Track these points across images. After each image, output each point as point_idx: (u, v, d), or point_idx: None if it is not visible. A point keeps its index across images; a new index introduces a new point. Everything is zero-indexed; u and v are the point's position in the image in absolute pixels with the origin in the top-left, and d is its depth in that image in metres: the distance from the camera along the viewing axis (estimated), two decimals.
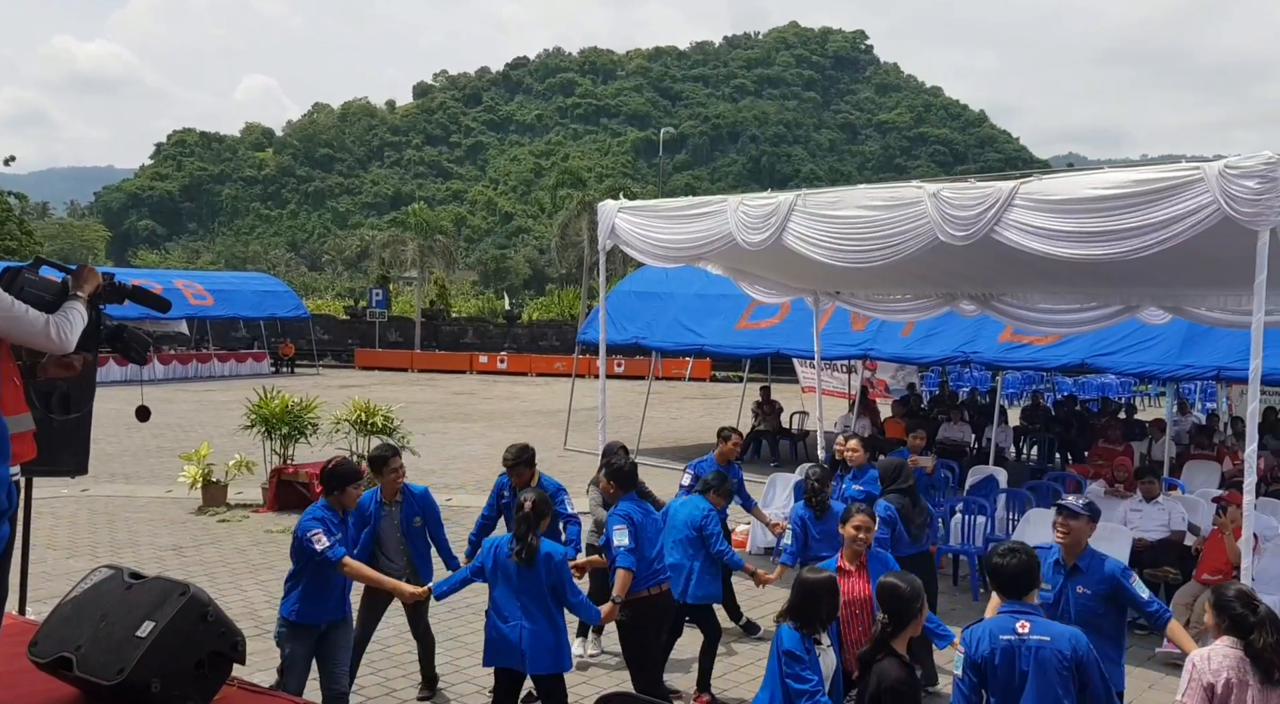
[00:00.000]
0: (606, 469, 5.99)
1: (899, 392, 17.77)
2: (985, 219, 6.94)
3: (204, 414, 20.93)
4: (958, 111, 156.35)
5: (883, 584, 4.05)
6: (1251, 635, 3.66)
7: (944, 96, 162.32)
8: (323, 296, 62.56)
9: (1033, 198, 6.76)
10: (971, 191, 7.13)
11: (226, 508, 11.55)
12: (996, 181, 7.08)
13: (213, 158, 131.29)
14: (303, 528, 5.11)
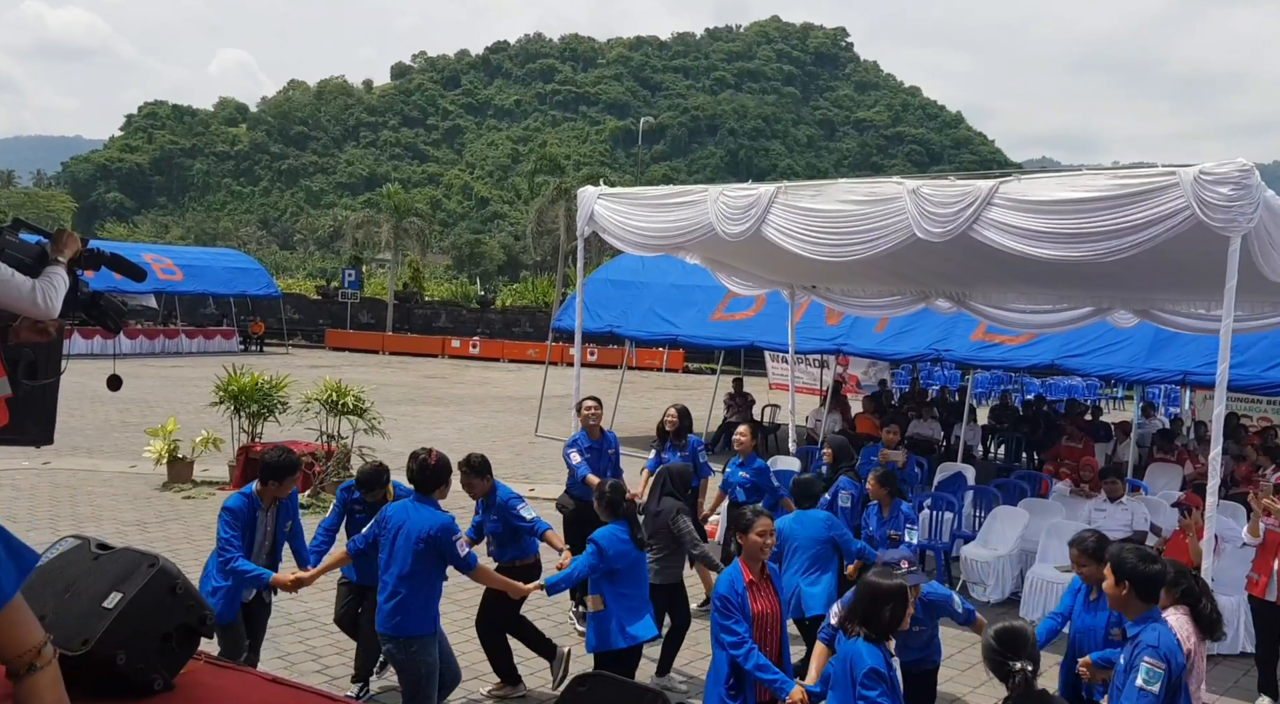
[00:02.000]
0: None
1: (870, 387, 17.90)
2: (964, 217, 7.00)
3: (171, 390, 20.66)
4: (935, 112, 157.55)
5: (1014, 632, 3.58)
6: (1200, 603, 4.30)
7: (922, 96, 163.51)
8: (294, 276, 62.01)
9: (1011, 198, 6.83)
10: (951, 189, 7.18)
11: (192, 484, 11.42)
12: (976, 180, 7.14)
13: (184, 131, 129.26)
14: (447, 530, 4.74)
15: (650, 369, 32.76)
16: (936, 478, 10.61)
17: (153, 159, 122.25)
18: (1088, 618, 4.74)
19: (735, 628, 4.21)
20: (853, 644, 3.78)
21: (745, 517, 4.52)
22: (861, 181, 8.07)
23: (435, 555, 4.71)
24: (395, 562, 4.71)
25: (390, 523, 4.79)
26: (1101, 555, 4.72)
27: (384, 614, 4.71)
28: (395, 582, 4.68)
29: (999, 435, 15.96)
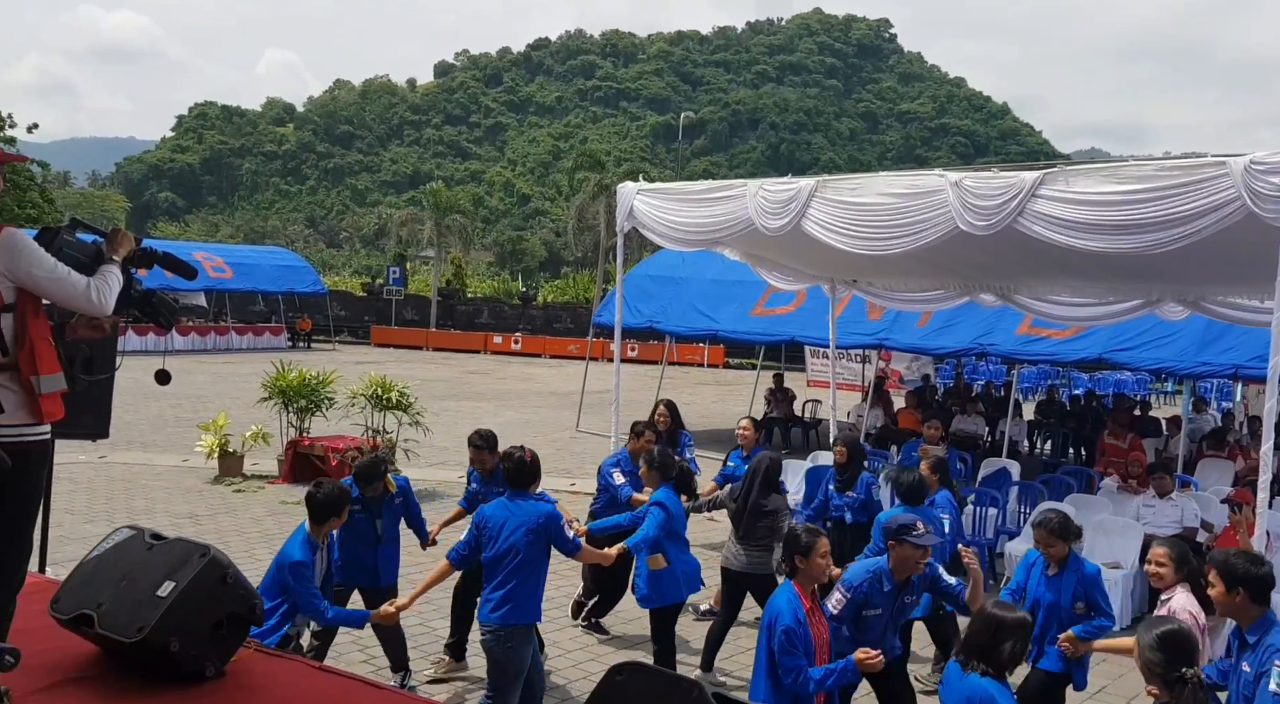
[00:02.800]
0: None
1: (913, 383, 17.74)
2: (1008, 209, 6.90)
3: (221, 386, 21.09)
4: (980, 103, 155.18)
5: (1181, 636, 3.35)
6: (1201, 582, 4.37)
7: (967, 87, 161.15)
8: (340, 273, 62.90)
9: (1056, 189, 6.72)
10: (994, 181, 7.09)
11: (242, 478, 11.66)
12: (1020, 172, 7.04)
13: (233, 131, 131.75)
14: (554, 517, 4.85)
15: (691, 364, 32.74)
16: (980, 473, 10.49)
17: (203, 159, 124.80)
18: (1049, 594, 4.86)
19: (798, 663, 4.01)
20: (977, 682, 3.44)
21: (801, 539, 4.23)
22: (903, 174, 8.00)
23: (544, 543, 4.80)
24: (506, 556, 4.73)
25: (492, 522, 4.81)
26: (1067, 533, 4.92)
27: (491, 604, 4.75)
28: (505, 574, 4.72)
29: (1045, 431, 15.73)
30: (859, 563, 4.69)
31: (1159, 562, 4.54)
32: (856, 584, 4.48)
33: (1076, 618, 4.84)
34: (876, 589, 4.46)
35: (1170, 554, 4.55)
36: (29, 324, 2.92)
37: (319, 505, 4.90)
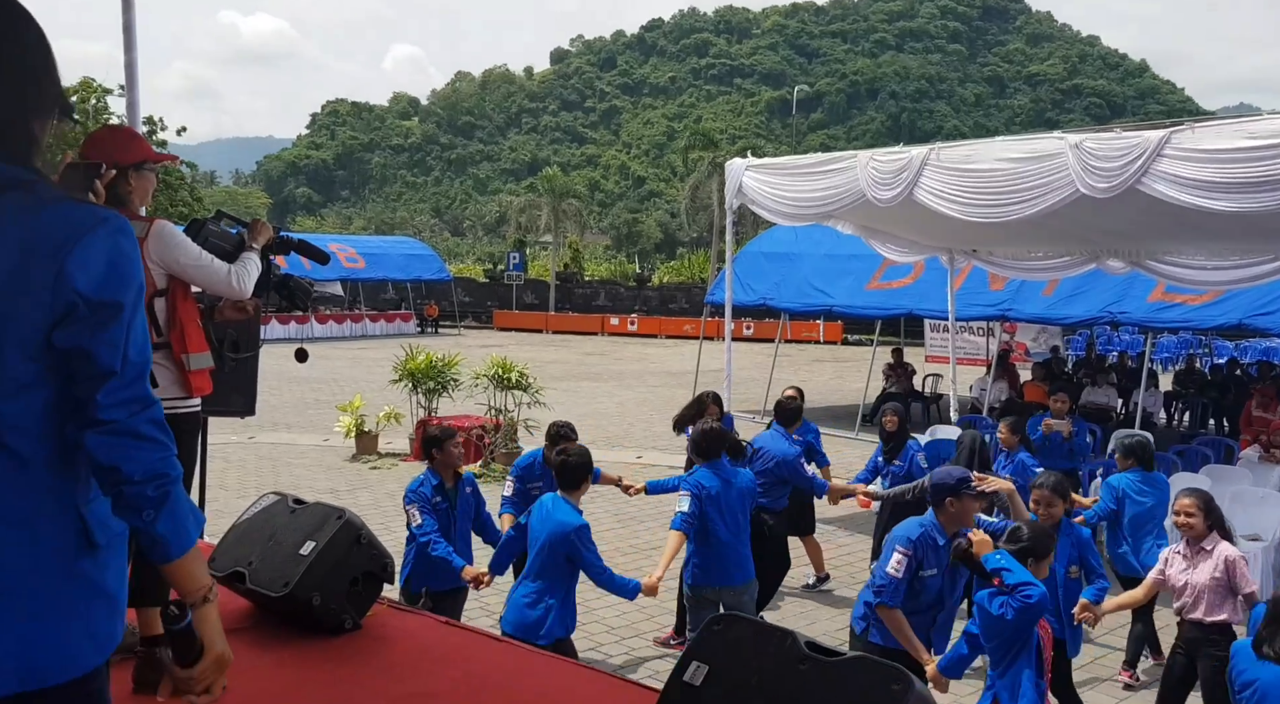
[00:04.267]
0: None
1: (1040, 355, 17.13)
2: (1131, 170, 6.66)
3: (356, 370, 22.18)
4: (1116, 61, 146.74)
5: None
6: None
7: (1101, 46, 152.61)
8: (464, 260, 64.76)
9: (1184, 147, 6.45)
10: (1117, 142, 6.85)
11: (377, 456, 12.31)
12: (1145, 131, 6.78)
13: (363, 127, 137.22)
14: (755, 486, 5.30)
15: (807, 342, 32.42)
16: (1111, 446, 10.11)
17: (335, 155, 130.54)
18: None
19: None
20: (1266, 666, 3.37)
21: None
22: (1020, 138, 7.80)
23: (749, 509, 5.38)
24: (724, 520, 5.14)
25: (711, 489, 5.16)
26: (1066, 494, 4.86)
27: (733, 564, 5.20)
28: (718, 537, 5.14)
29: (1184, 402, 14.96)
30: (905, 522, 4.37)
31: (1188, 512, 4.55)
32: (915, 538, 4.18)
33: (1070, 583, 4.75)
34: (931, 545, 4.21)
35: (1198, 503, 4.56)
36: (179, 307, 3.23)
37: (574, 469, 4.68)
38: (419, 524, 4.99)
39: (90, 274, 1.39)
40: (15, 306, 1.35)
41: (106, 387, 1.42)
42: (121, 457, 1.43)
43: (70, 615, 1.42)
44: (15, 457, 1.38)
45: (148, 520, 1.45)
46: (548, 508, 4.62)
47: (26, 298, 1.35)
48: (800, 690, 2.41)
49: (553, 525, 4.48)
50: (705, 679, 2.56)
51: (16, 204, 1.36)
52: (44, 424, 1.40)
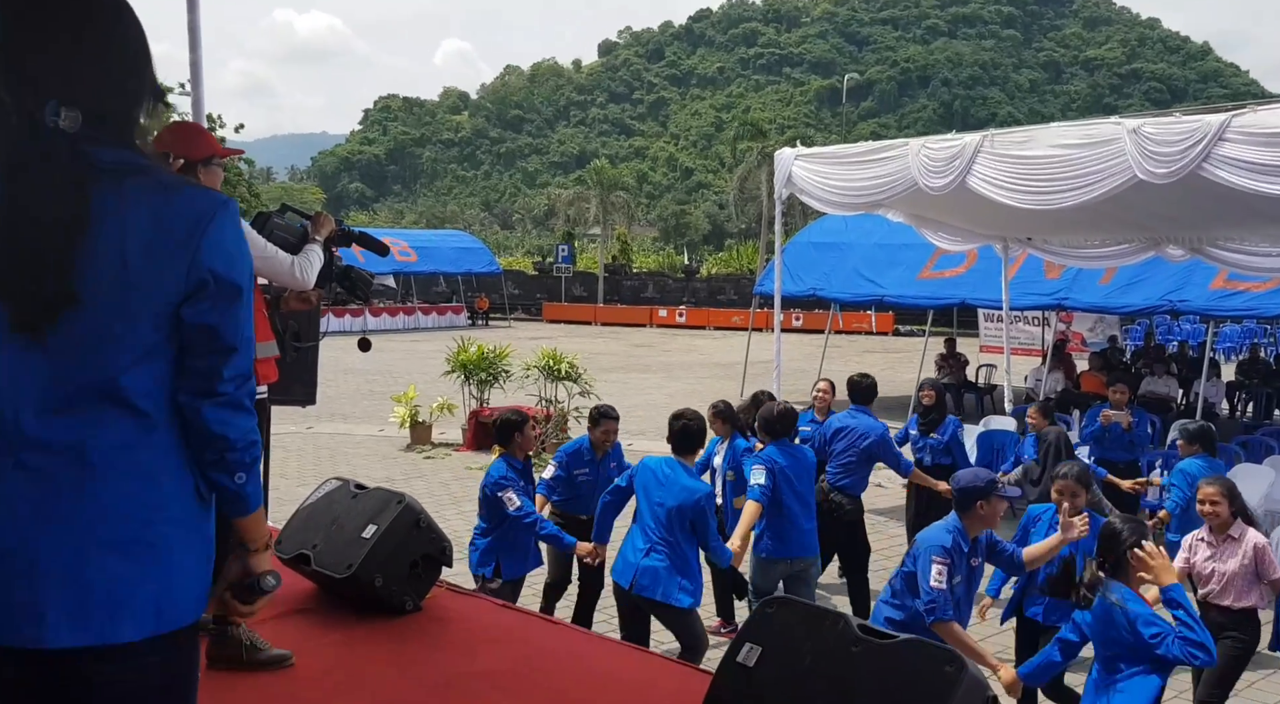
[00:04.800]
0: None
1: (1097, 345, 16.80)
2: (1191, 155, 6.51)
3: (410, 362, 22.53)
4: (1177, 44, 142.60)
5: None
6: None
7: (1161, 28, 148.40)
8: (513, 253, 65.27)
9: (1246, 131, 6.29)
10: (1176, 126, 6.70)
11: (431, 446, 12.52)
12: (1205, 115, 6.63)
13: (414, 122, 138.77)
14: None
15: (858, 332, 32.14)
16: (1170, 437, 9.92)
17: (388, 150, 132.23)
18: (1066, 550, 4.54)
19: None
20: None
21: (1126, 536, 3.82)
22: (1076, 124, 7.66)
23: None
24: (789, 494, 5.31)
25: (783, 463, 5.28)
26: (1090, 483, 4.77)
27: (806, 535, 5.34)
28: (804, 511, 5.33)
29: (1247, 392, 14.58)
30: (931, 529, 4.20)
31: (1213, 500, 4.51)
32: (950, 547, 4.02)
33: None
34: (959, 552, 4.05)
35: (1222, 491, 4.52)
36: None
37: (694, 434, 4.82)
38: (518, 507, 4.95)
39: (221, 254, 1.51)
40: (152, 280, 1.46)
41: (229, 362, 1.54)
42: (231, 426, 1.55)
43: (192, 565, 1.55)
44: (144, 417, 1.50)
45: (239, 482, 1.59)
46: (665, 473, 4.67)
47: (162, 273, 1.46)
48: (854, 672, 2.44)
49: (679, 491, 4.57)
50: (758, 660, 2.60)
51: (141, 186, 1.46)
52: (164, 389, 1.52)
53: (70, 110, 1.43)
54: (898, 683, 2.35)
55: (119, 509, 1.47)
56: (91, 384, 1.46)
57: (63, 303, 1.42)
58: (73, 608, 1.43)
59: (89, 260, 1.43)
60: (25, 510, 1.43)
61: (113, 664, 1.47)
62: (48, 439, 1.44)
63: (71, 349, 1.44)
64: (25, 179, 1.42)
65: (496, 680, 3.22)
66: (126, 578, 1.46)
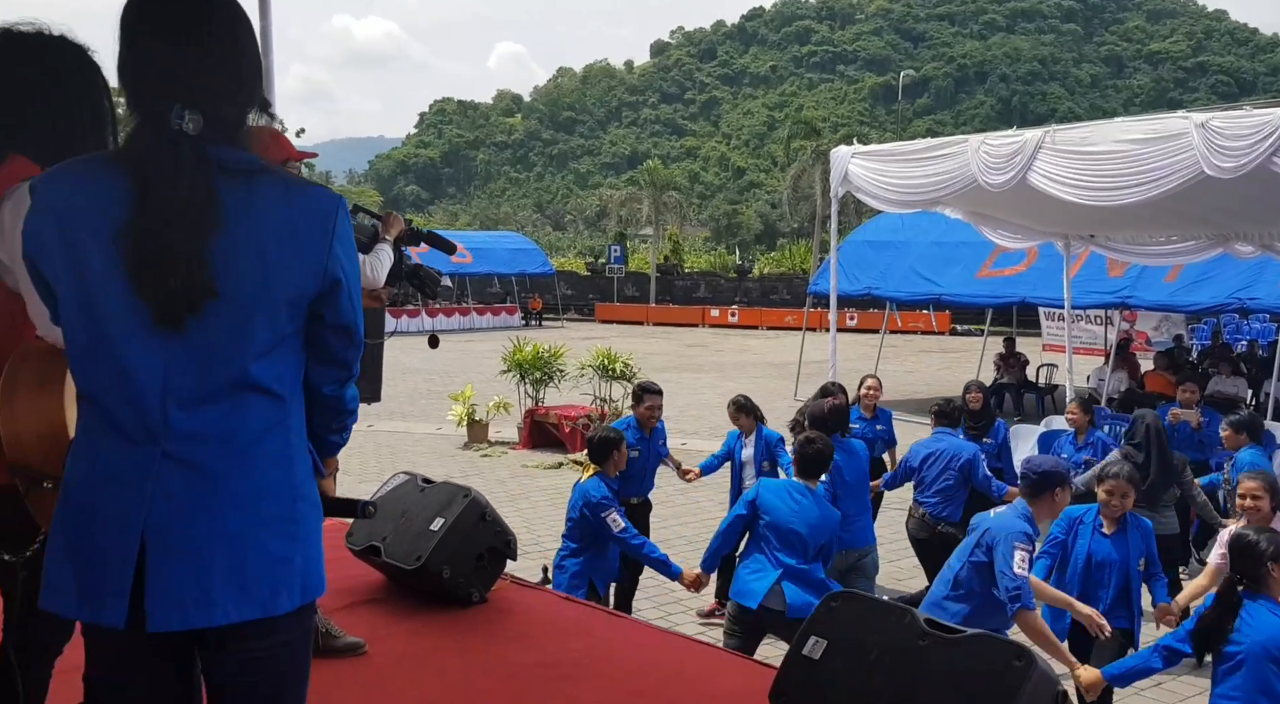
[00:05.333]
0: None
1: (1162, 344, 16.41)
2: (1261, 149, 6.36)
3: (465, 361, 22.81)
4: (1245, 37, 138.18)
5: None
6: None
7: (1229, 20, 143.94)
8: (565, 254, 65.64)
9: None
10: (1246, 120, 6.56)
11: (488, 444, 12.69)
12: (1276, 108, 6.47)
13: (468, 125, 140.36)
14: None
15: (913, 332, 31.76)
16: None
17: (442, 153, 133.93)
18: (1114, 552, 4.47)
19: None
20: None
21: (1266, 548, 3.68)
22: (1141, 119, 7.53)
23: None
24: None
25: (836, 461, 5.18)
26: (1139, 483, 4.66)
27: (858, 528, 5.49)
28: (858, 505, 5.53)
29: None
30: (1002, 516, 4.09)
31: (1254, 495, 4.37)
32: (1031, 533, 3.96)
33: (1136, 576, 4.53)
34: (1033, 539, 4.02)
35: (1264, 485, 4.38)
36: None
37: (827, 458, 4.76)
38: (624, 528, 4.79)
39: (348, 251, 1.63)
40: (286, 273, 1.54)
41: (354, 351, 1.69)
42: (353, 399, 1.76)
43: (319, 534, 1.67)
44: (280, 402, 1.60)
45: (345, 437, 1.81)
46: (798, 499, 4.52)
47: (296, 266, 1.55)
48: (920, 666, 2.46)
49: (816, 518, 4.48)
50: (824, 653, 2.63)
51: (269, 184, 1.55)
52: (295, 375, 1.63)
53: (194, 113, 1.50)
54: (966, 676, 2.37)
55: (267, 490, 1.57)
56: (233, 374, 1.54)
57: (202, 296, 1.49)
58: (238, 586, 1.52)
59: (227, 256, 1.50)
60: (184, 499, 1.51)
61: (268, 636, 1.58)
62: (195, 429, 1.53)
63: (213, 342, 1.52)
64: (155, 180, 1.49)
65: (563, 670, 3.29)
66: (282, 554, 1.56)
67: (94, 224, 1.50)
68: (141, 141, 1.52)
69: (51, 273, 1.55)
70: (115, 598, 1.50)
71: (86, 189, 1.53)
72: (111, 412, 1.54)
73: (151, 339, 1.51)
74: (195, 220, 1.48)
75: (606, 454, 4.98)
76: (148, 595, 1.50)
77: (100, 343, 1.53)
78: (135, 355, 1.51)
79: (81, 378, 1.57)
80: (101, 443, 1.55)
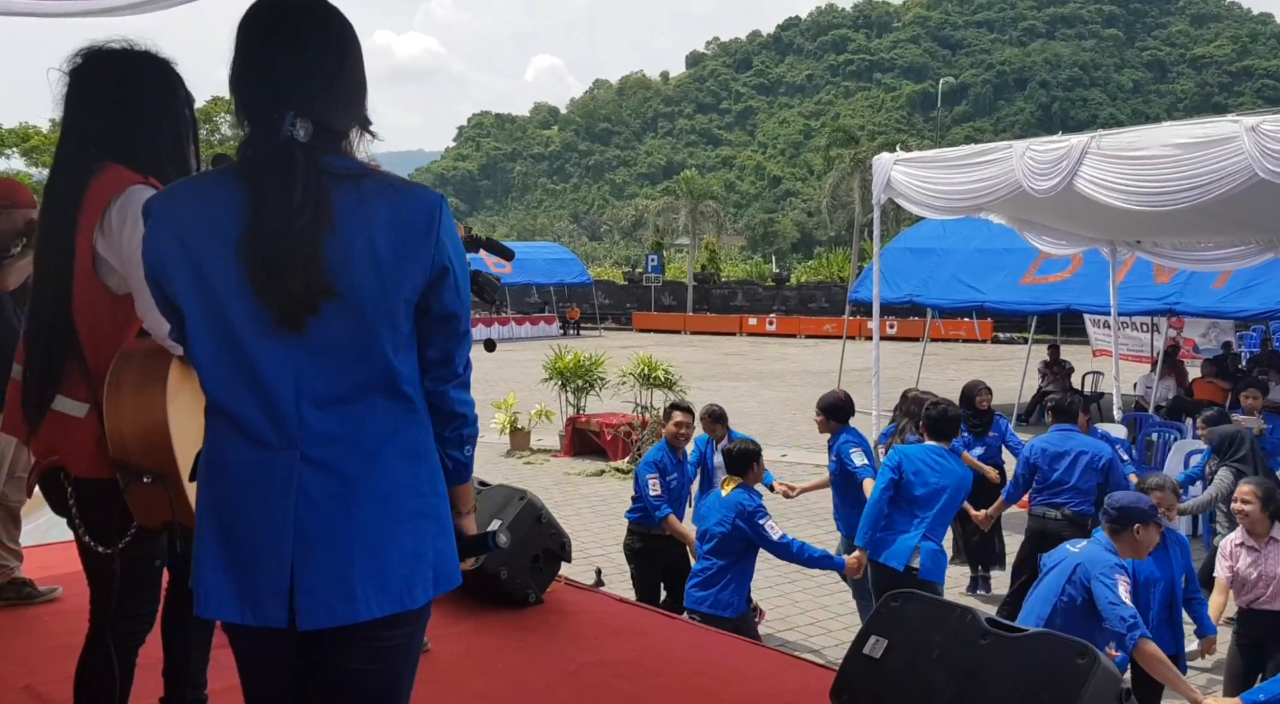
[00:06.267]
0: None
1: (1211, 351, 16.13)
2: None
3: (506, 370, 23.00)
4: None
5: None
6: None
7: (1275, 24, 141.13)
8: (602, 264, 65.88)
9: None
10: None
11: (530, 452, 12.78)
12: None
13: (506, 137, 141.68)
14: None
15: (954, 340, 31.47)
16: None
17: (480, 165, 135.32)
18: (1159, 571, 4.28)
19: None
20: None
21: None
22: (1190, 123, 7.45)
23: None
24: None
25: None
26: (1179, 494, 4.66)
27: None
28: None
29: None
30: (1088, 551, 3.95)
31: (1245, 499, 4.40)
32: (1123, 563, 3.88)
33: (1180, 594, 4.34)
34: None
35: (1257, 492, 4.40)
36: None
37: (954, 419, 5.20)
38: (781, 535, 4.78)
39: (453, 245, 1.64)
40: (400, 272, 1.57)
41: (464, 346, 1.69)
42: (467, 404, 1.72)
43: (451, 530, 1.70)
44: (407, 401, 1.63)
45: (468, 454, 1.75)
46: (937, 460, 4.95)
47: (409, 265, 1.57)
48: (982, 664, 2.48)
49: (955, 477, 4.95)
50: (885, 652, 2.66)
51: (376, 186, 1.59)
52: (417, 373, 1.66)
53: (304, 121, 1.55)
54: (1029, 674, 2.38)
55: (399, 488, 1.60)
56: (361, 374, 1.58)
57: (320, 296, 1.52)
58: (378, 582, 1.56)
59: (343, 258, 1.54)
60: (323, 499, 1.56)
61: (403, 627, 1.63)
62: (329, 431, 1.57)
63: (336, 343, 1.56)
64: (270, 184, 1.54)
65: (620, 670, 3.34)
66: (415, 549, 1.60)
67: (216, 237, 1.55)
68: (255, 148, 1.58)
69: (176, 290, 1.60)
70: (276, 599, 1.55)
71: (204, 204, 1.59)
72: (247, 420, 1.58)
73: (279, 344, 1.55)
74: (310, 223, 1.52)
75: (747, 465, 4.94)
76: (297, 595, 1.55)
77: (232, 354, 1.57)
78: (266, 361, 1.56)
79: (215, 390, 1.61)
80: (240, 453, 1.59)
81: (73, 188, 2.23)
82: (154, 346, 2.16)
